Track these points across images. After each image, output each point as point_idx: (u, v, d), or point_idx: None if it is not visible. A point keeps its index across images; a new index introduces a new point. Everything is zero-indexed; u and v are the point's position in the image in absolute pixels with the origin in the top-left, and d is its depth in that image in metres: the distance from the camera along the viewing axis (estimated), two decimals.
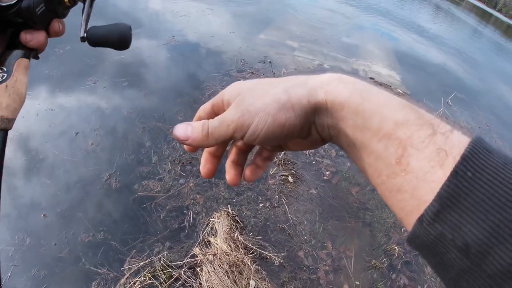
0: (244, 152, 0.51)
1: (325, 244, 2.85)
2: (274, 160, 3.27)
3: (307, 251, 2.76)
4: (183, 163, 3.12)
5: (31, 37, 0.50)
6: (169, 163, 3.10)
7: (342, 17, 9.06)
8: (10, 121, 0.47)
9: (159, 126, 3.43)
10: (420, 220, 0.32)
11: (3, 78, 0.46)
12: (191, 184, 2.96)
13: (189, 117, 3.52)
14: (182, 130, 0.45)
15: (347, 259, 2.81)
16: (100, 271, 2.36)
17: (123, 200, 2.80)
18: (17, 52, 0.49)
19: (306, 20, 7.34)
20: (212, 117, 0.45)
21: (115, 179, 2.93)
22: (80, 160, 3.07)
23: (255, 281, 2.39)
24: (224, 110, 0.45)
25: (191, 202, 2.85)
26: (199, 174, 2.98)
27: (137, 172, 3.00)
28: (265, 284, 2.41)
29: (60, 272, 2.34)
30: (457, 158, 0.32)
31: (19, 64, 0.48)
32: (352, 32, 8.01)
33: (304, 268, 2.66)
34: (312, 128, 0.44)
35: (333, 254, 2.81)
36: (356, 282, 2.69)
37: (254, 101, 0.42)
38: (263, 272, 2.49)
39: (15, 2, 0.46)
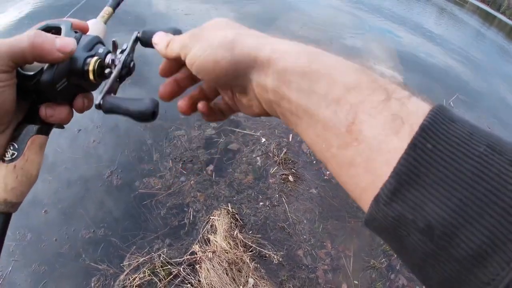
0: (205, 94, 0.51)
1: (324, 244, 2.86)
2: (275, 159, 3.28)
3: (306, 250, 2.77)
4: (184, 161, 3.13)
5: (51, 112, 0.44)
6: (170, 160, 3.12)
7: (345, 18, 9.06)
8: (14, 205, 0.43)
9: (160, 124, 3.45)
10: (376, 199, 0.29)
11: (13, 157, 0.41)
12: (192, 182, 2.98)
13: (190, 116, 3.54)
14: (158, 37, 0.48)
15: (346, 258, 2.82)
16: (100, 267, 2.37)
17: (124, 197, 2.82)
18: (33, 128, 0.43)
19: (309, 20, 7.35)
20: None
21: (117, 176, 2.94)
22: (82, 157, 3.08)
23: (254, 279, 2.40)
24: None
25: (191, 199, 2.86)
26: (200, 172, 3.01)
27: (138, 169, 3.02)
28: (263, 282, 2.41)
29: (60, 267, 2.36)
30: (415, 127, 0.28)
31: (33, 141, 0.43)
32: (355, 32, 8.01)
33: (303, 267, 2.67)
34: (249, 86, 0.40)
35: (332, 254, 2.82)
36: (354, 282, 2.70)
37: (208, 31, 0.42)
38: (262, 270, 2.50)
39: (34, 74, 0.41)
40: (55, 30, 0.46)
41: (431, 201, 0.26)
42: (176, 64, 0.49)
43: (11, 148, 0.42)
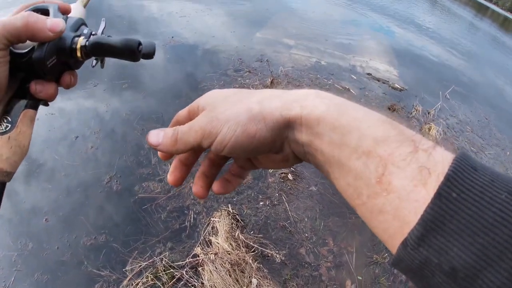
0: (216, 164, 0.50)
1: (326, 241, 2.86)
2: None
3: (308, 248, 2.77)
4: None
5: (41, 88, 0.47)
6: (169, 164, 3.10)
7: (339, 15, 9.07)
8: (9, 174, 0.45)
9: (157, 127, 3.43)
10: (404, 244, 0.31)
11: (7, 129, 0.44)
12: (191, 185, 2.96)
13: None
14: (155, 135, 0.44)
15: (349, 255, 2.82)
16: (102, 273, 2.37)
17: (124, 202, 2.82)
18: (24, 102, 0.46)
19: (302, 18, 7.35)
20: None
21: (116, 181, 2.94)
22: (81, 164, 3.08)
23: (257, 279, 2.40)
24: None
25: (191, 202, 2.86)
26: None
27: (137, 174, 3.01)
28: (267, 282, 2.41)
29: (63, 275, 2.36)
30: (441, 177, 0.30)
31: (25, 115, 0.46)
32: (349, 28, 8.02)
33: (306, 265, 2.67)
34: (285, 144, 0.42)
35: (335, 251, 2.82)
36: (358, 278, 2.70)
37: (225, 109, 0.40)
38: (265, 270, 2.50)
39: (26, 52, 0.45)
40: (42, 12, 0.49)
41: (455, 246, 0.28)
42: (192, 155, 0.50)
43: (5, 121, 0.45)
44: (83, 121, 3.51)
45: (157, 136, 0.44)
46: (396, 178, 0.32)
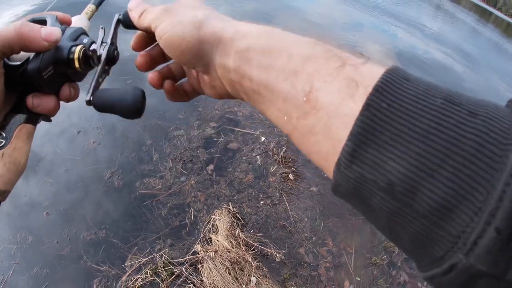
0: (164, 56, 0.52)
1: (326, 241, 2.87)
2: (275, 158, 3.29)
3: (307, 248, 2.77)
4: (184, 160, 3.13)
5: (38, 102, 0.44)
6: (170, 161, 3.11)
7: (342, 15, 9.07)
8: (3, 193, 0.43)
9: (159, 124, 3.44)
10: (338, 164, 0.29)
11: (0, 145, 0.42)
12: (192, 182, 2.97)
13: (189, 116, 3.54)
14: (135, 3, 0.49)
15: (348, 255, 2.82)
16: (101, 268, 2.37)
17: (125, 198, 2.82)
18: (21, 117, 0.44)
19: (305, 18, 7.35)
20: None
21: (117, 177, 2.94)
22: (82, 159, 3.08)
23: (256, 278, 2.41)
24: None
25: (192, 199, 2.86)
26: (200, 172, 3.01)
27: (138, 170, 3.01)
28: (266, 281, 2.42)
29: (62, 270, 2.36)
30: (369, 89, 0.28)
31: (20, 130, 0.43)
32: (352, 30, 8.03)
33: (305, 264, 2.67)
34: (212, 66, 0.41)
35: (334, 251, 2.82)
36: (356, 279, 2.70)
37: (179, 9, 0.43)
38: (264, 269, 2.50)
39: (20, 63, 0.42)
40: (39, 22, 0.47)
41: (390, 158, 0.26)
42: (148, 37, 0.51)
43: None
44: (85, 116, 3.51)
45: (136, 5, 0.49)
46: (323, 93, 0.31)
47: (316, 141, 0.32)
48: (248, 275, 2.40)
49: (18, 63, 0.42)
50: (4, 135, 0.42)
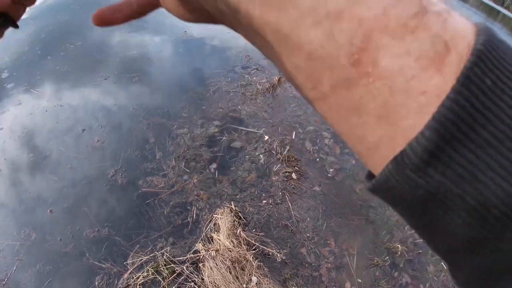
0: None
1: (328, 242, 2.86)
2: (278, 157, 3.28)
3: (309, 248, 2.77)
4: (187, 159, 3.14)
5: None
6: (173, 159, 3.12)
7: None
8: None
9: (163, 122, 3.45)
10: (399, 162, 0.19)
11: None
12: (195, 181, 2.98)
13: (193, 114, 3.55)
14: None
15: (350, 256, 2.81)
16: (103, 265, 2.39)
17: (128, 196, 2.83)
18: None
19: None
20: None
21: (121, 175, 2.96)
22: (86, 157, 3.10)
23: (257, 277, 2.41)
24: None
25: (194, 198, 2.87)
26: (203, 170, 3.01)
27: (141, 168, 3.03)
28: (267, 281, 2.42)
29: (65, 266, 2.38)
30: (466, 54, 0.19)
31: None
32: None
33: (306, 265, 2.67)
34: None
35: (336, 252, 2.81)
36: (358, 280, 2.69)
37: None
38: (265, 269, 2.50)
39: None
40: None
41: (492, 169, 0.18)
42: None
43: None
44: (90, 114, 3.53)
45: None
46: (389, 55, 0.19)
47: (361, 123, 0.21)
48: (249, 275, 2.41)
49: None
50: None
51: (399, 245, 2.91)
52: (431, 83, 0.18)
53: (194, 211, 2.78)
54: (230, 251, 2.48)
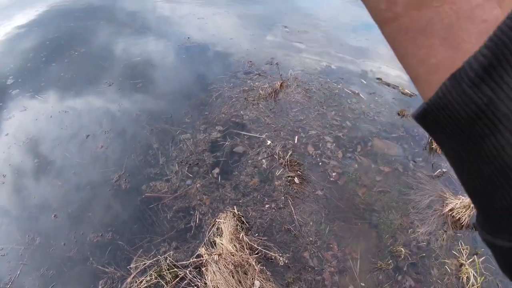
0: None
1: (331, 245, 2.85)
2: (280, 162, 3.29)
3: (312, 252, 2.77)
4: (190, 164, 3.15)
5: None
6: (176, 164, 3.14)
7: (352, 17, 9.04)
8: None
9: (166, 128, 3.48)
10: (457, 77, 0.21)
11: None
12: (198, 185, 3.00)
13: (195, 119, 3.57)
14: None
15: (353, 260, 2.80)
16: (107, 270, 2.41)
17: (131, 201, 2.86)
18: None
19: (313, 22, 7.34)
20: None
21: (124, 180, 2.99)
22: (91, 162, 3.14)
23: (260, 282, 2.41)
24: None
25: (197, 203, 2.88)
26: (206, 175, 3.03)
27: (145, 173, 3.05)
28: (269, 285, 2.42)
29: (68, 271, 2.40)
30: None
31: None
32: (360, 32, 8.00)
33: (309, 269, 2.66)
34: None
35: (339, 256, 2.81)
36: (361, 284, 2.68)
37: None
38: (268, 273, 2.50)
39: None
40: None
41: None
42: None
43: None
44: (95, 120, 3.57)
45: None
46: None
47: (427, 44, 0.23)
48: (252, 279, 2.41)
49: None
50: None
51: (402, 249, 2.90)
52: (492, 13, 0.20)
53: (197, 215, 2.79)
54: (233, 255, 2.48)
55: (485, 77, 0.20)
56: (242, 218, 2.80)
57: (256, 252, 2.60)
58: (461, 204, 2.97)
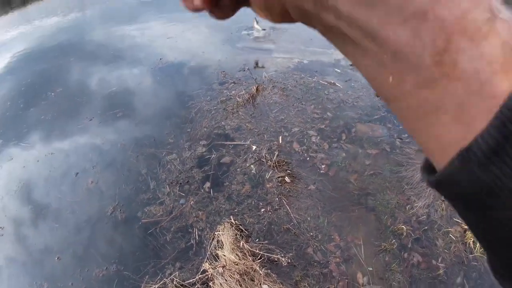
0: None
1: (332, 237, 2.87)
2: (269, 164, 3.31)
3: (315, 246, 2.79)
4: (180, 183, 3.18)
5: None
6: (167, 186, 3.17)
7: None
8: None
9: (152, 152, 3.51)
10: (465, 157, 0.21)
11: None
12: (192, 203, 3.02)
13: (179, 138, 3.59)
14: None
15: (357, 247, 2.83)
16: None
17: (130, 230, 2.88)
18: None
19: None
20: None
21: (119, 210, 3.01)
22: (84, 199, 3.16)
23: (268, 285, 2.43)
24: None
25: (194, 220, 2.91)
26: (198, 191, 3.05)
27: (138, 200, 3.08)
28: (278, 286, 2.44)
29: None
30: None
31: None
32: None
33: (315, 263, 2.69)
34: None
35: (342, 245, 2.83)
36: (369, 269, 2.70)
37: None
38: (274, 275, 2.53)
39: None
40: None
41: None
42: None
43: None
44: (81, 157, 3.59)
45: None
46: (467, 58, 0.21)
47: (438, 122, 0.23)
48: (259, 284, 2.44)
49: None
50: None
51: (403, 226, 2.92)
52: (500, 88, 0.20)
53: (196, 232, 2.82)
54: (237, 265, 2.51)
55: (492, 157, 0.20)
56: (240, 227, 2.82)
57: (259, 257, 2.62)
58: None
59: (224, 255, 2.57)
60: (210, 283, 2.46)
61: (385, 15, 0.22)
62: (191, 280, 2.51)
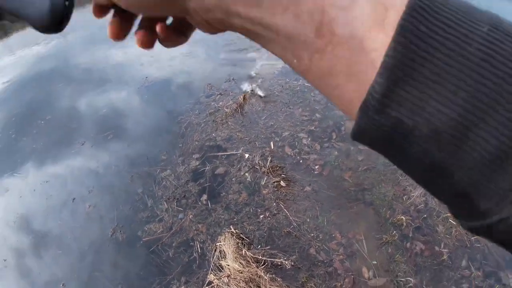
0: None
1: (333, 235, 2.89)
2: (263, 170, 3.34)
3: (317, 246, 2.80)
4: (177, 198, 3.19)
5: None
6: (164, 202, 3.18)
7: None
8: None
9: (146, 170, 3.52)
10: (364, 108, 0.24)
11: None
12: (190, 216, 3.04)
13: (171, 154, 3.61)
14: None
15: (358, 242, 2.84)
16: None
17: (132, 250, 2.89)
18: None
19: None
20: None
21: (120, 231, 3.02)
22: (83, 224, 3.16)
23: None
24: None
25: (194, 233, 2.92)
26: (195, 204, 3.06)
27: (137, 219, 3.08)
28: None
29: None
30: (401, 11, 0.22)
31: None
32: None
33: (319, 263, 2.70)
34: (190, 13, 0.31)
35: (344, 242, 2.85)
36: (373, 262, 2.71)
37: None
38: (279, 279, 2.54)
39: None
40: None
41: (434, 99, 0.21)
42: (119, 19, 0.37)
43: None
44: (77, 182, 3.60)
45: None
46: (340, 23, 0.24)
47: (336, 84, 0.26)
48: None
49: None
50: None
51: (403, 217, 2.94)
52: (377, 41, 0.23)
53: (198, 245, 2.83)
54: (241, 273, 2.52)
55: (385, 101, 0.22)
56: (241, 235, 2.84)
57: (262, 263, 2.64)
58: None
59: (228, 265, 2.59)
60: None
61: (270, 8, 0.26)
62: None
